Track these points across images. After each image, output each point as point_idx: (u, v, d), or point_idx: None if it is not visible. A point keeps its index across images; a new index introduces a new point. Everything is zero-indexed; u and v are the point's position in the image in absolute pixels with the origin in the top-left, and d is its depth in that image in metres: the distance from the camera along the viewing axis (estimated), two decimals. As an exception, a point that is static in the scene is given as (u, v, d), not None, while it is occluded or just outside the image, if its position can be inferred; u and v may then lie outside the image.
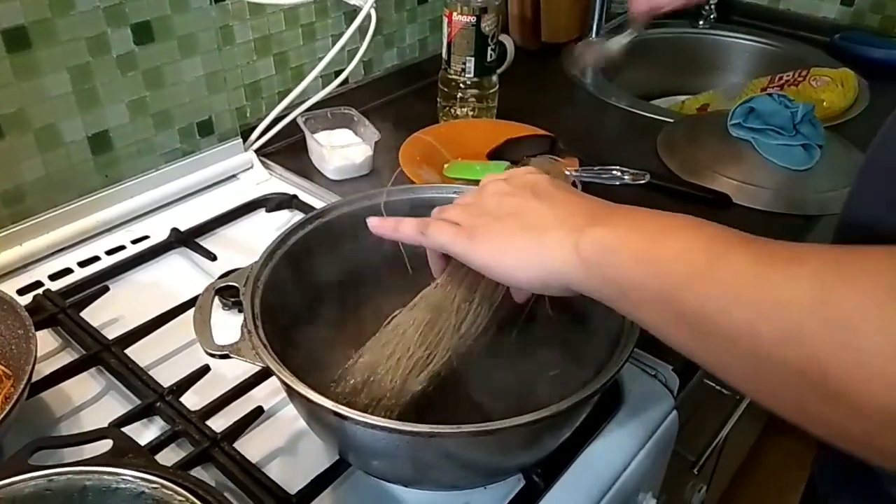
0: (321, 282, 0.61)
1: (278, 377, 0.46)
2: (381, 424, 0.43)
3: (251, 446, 0.57)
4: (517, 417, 0.43)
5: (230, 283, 0.54)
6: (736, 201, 0.85)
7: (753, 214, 0.84)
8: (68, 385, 0.62)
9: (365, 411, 0.47)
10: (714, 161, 0.90)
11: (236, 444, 0.56)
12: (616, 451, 0.58)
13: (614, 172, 0.81)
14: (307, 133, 0.89)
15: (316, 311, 0.59)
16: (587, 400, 0.46)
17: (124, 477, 0.46)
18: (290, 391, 0.47)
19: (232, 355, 0.48)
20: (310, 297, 0.59)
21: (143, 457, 0.50)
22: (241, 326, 0.50)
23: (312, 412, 0.49)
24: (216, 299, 0.69)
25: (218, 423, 0.58)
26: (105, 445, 0.51)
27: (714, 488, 1.30)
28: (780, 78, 1.12)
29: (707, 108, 1.20)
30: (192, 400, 0.60)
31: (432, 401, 0.53)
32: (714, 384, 0.92)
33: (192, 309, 0.66)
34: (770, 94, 0.91)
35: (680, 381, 0.64)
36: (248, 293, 0.52)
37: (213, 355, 0.49)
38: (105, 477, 0.47)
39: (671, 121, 1.03)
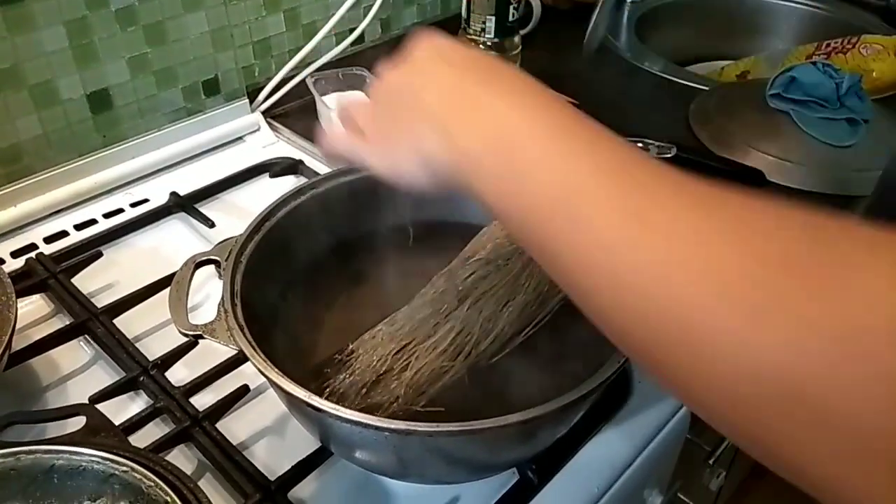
0: (312, 257, 0.57)
1: (253, 363, 0.43)
2: (356, 419, 0.40)
3: (235, 426, 0.55)
4: (502, 417, 0.40)
5: (211, 257, 0.51)
6: (770, 178, 0.79)
7: (788, 194, 0.78)
8: (57, 353, 0.61)
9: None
10: (749, 134, 0.84)
11: (220, 424, 0.54)
12: (620, 446, 0.54)
13: (639, 145, 0.76)
14: (316, 95, 0.84)
15: (306, 289, 0.56)
16: (581, 400, 0.42)
17: (94, 458, 0.44)
18: (265, 377, 0.44)
19: (205, 336, 0.45)
20: (299, 274, 0.56)
21: (115, 436, 0.48)
22: (218, 305, 0.47)
23: (290, 400, 0.46)
24: (213, 270, 0.67)
25: (203, 400, 0.56)
26: (79, 422, 0.49)
27: (735, 471, 1.26)
28: (828, 45, 1.03)
29: (748, 76, 1.12)
30: (180, 374, 0.58)
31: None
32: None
33: (184, 279, 0.65)
34: (814, 63, 0.84)
35: (695, 373, 0.60)
36: (229, 269, 0.49)
37: (186, 335, 0.46)
38: (74, 457, 0.45)
39: (706, 89, 0.96)
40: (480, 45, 0.89)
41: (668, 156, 0.75)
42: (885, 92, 0.95)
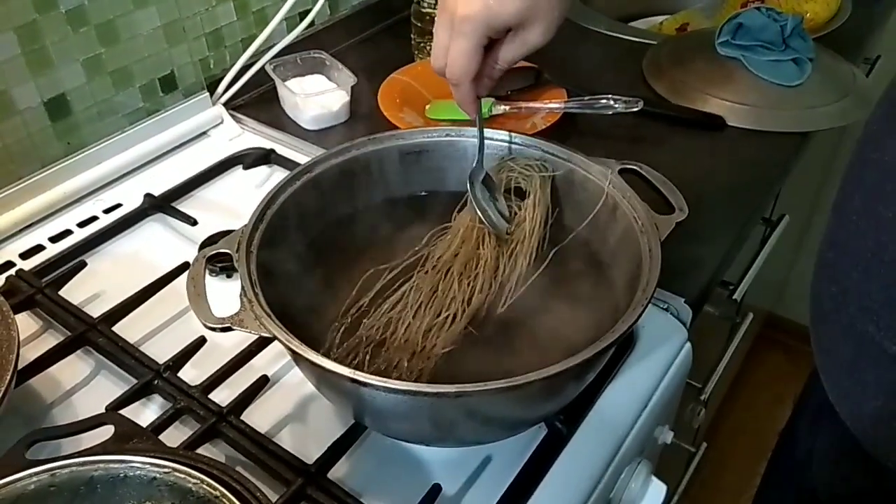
0: (315, 239, 0.57)
1: (287, 347, 0.44)
2: (405, 388, 0.41)
3: (259, 417, 0.55)
4: (545, 369, 0.41)
5: (221, 250, 0.51)
6: (729, 123, 0.83)
7: (748, 135, 0.82)
8: (57, 369, 0.59)
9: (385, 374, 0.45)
10: (704, 83, 0.87)
11: (243, 416, 0.54)
12: (634, 390, 0.57)
13: (605, 101, 0.78)
14: (278, 81, 0.83)
15: (312, 269, 0.56)
16: (612, 345, 0.44)
17: (132, 464, 0.44)
18: (300, 359, 0.44)
19: (235, 327, 0.45)
20: (305, 256, 0.56)
21: (148, 440, 0.48)
22: (240, 295, 0.47)
23: (324, 378, 0.46)
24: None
25: (222, 396, 0.55)
26: (106, 432, 0.48)
27: (710, 405, 1.32)
28: (761, -10, 1.08)
29: (687, 28, 1.16)
30: (191, 374, 0.57)
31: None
32: (713, 310, 0.92)
33: (179, 278, 0.64)
34: (758, 8, 0.88)
35: (693, 312, 0.63)
36: (243, 259, 0.49)
37: (213, 329, 0.46)
38: (112, 466, 0.44)
39: (654, 43, 0.99)
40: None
41: (636, 109, 0.77)
42: (820, 31, 1.00)
